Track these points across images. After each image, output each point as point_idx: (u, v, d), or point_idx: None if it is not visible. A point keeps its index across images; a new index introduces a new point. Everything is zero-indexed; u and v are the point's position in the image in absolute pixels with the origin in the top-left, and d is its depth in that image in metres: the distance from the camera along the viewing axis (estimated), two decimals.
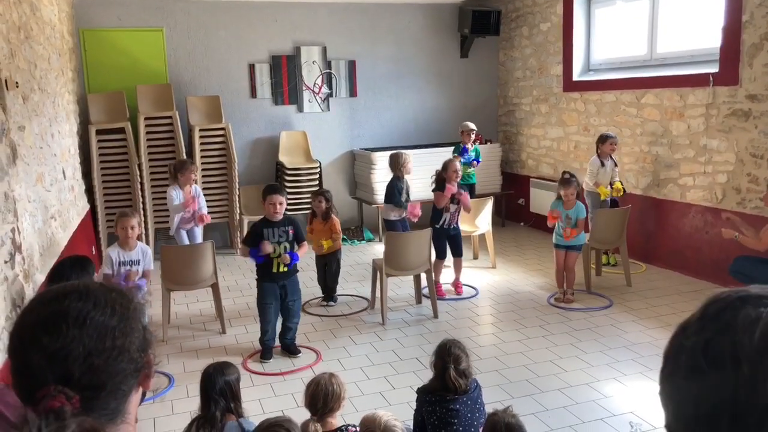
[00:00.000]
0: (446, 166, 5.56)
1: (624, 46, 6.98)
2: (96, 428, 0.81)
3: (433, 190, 5.61)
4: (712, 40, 5.70)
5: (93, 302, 0.94)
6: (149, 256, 4.43)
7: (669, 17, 6.35)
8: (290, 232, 4.42)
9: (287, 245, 4.39)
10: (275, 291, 4.43)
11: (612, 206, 6.16)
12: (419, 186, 6.64)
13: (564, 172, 5.52)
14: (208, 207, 6.96)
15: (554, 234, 5.48)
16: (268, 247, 4.29)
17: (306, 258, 6.82)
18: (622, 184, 6.09)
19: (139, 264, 4.34)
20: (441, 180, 5.54)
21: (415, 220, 5.89)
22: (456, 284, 5.82)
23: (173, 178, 5.71)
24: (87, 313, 0.92)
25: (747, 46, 5.30)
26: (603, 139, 6.11)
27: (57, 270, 3.55)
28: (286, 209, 4.48)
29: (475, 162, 7.15)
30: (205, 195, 6.89)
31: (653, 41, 6.53)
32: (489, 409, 2.99)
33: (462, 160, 7.00)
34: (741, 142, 5.44)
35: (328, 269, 5.57)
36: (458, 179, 5.58)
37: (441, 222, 5.60)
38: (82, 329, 0.90)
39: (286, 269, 4.41)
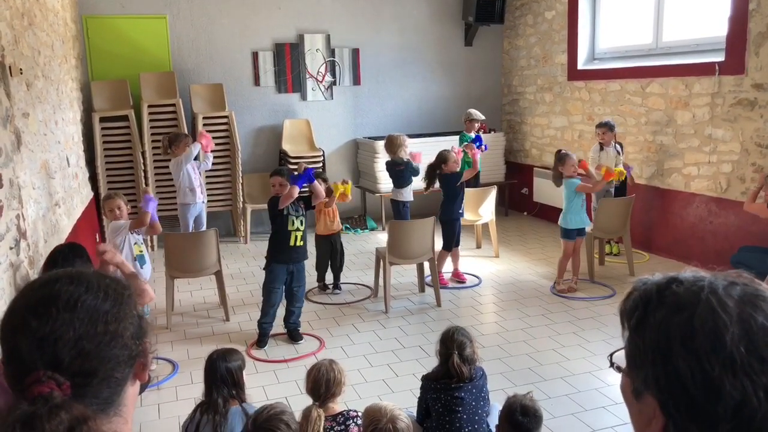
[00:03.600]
0: (446, 158, 5.46)
1: (629, 35, 6.94)
2: (86, 416, 0.78)
3: (426, 186, 5.56)
4: (718, 28, 5.66)
5: (85, 286, 0.91)
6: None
7: (675, 5, 6.30)
8: (302, 207, 4.60)
9: (303, 218, 4.57)
10: (284, 275, 4.53)
11: (618, 192, 6.16)
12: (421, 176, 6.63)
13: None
14: (210, 195, 6.99)
15: (568, 219, 5.37)
16: (295, 192, 4.40)
17: (310, 246, 6.83)
18: (624, 168, 6.06)
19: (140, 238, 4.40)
20: (434, 174, 5.48)
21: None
22: (456, 274, 5.83)
23: (165, 151, 5.81)
24: (78, 296, 0.89)
25: (753, 34, 5.26)
26: (596, 128, 6.17)
27: (51, 258, 3.47)
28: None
29: (483, 147, 7.10)
30: (208, 183, 6.92)
31: (659, 30, 6.48)
32: (493, 396, 3.01)
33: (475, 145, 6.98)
34: (746, 131, 5.41)
35: (333, 250, 5.58)
36: (458, 168, 5.55)
37: (462, 203, 5.59)
38: (72, 313, 0.87)
39: (302, 243, 4.54)
